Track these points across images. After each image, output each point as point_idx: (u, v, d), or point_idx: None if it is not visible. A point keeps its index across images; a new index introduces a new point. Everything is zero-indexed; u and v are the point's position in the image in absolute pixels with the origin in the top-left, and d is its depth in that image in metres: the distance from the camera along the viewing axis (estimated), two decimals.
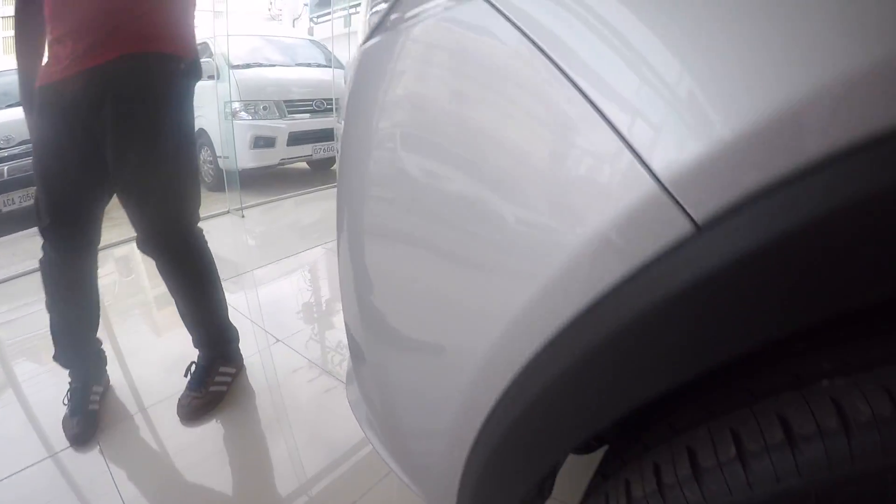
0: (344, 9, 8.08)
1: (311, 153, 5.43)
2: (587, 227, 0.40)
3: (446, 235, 0.54)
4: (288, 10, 12.31)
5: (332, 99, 5.47)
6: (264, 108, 5.13)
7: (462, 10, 0.51)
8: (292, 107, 5.32)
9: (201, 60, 5.21)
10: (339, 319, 2.04)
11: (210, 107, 5.04)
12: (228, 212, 3.55)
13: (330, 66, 6.10)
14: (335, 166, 5.71)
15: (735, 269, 0.34)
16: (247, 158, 4.99)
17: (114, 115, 1.33)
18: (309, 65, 6.04)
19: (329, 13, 10.54)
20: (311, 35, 11.73)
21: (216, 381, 1.67)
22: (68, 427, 1.52)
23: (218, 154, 5.12)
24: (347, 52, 5.16)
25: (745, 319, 0.36)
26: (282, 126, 5.16)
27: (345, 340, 0.98)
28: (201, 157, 5.52)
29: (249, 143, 4.96)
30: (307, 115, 5.41)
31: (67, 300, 1.55)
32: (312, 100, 5.46)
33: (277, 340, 1.96)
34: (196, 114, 5.71)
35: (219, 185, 5.15)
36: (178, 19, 1.43)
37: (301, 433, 1.51)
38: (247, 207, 3.62)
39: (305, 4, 11.82)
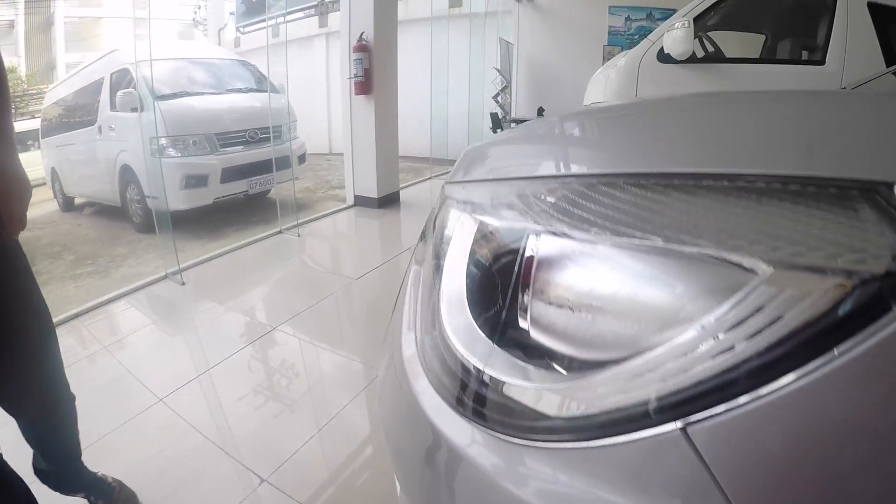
0: (272, 17, 7.78)
1: (247, 188, 5.20)
2: None
3: None
4: (213, 20, 11.80)
5: (267, 128, 5.25)
6: (194, 143, 4.86)
7: None
8: (224, 140, 5.07)
9: (123, 92, 4.88)
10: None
11: (135, 140, 4.76)
12: (165, 276, 3.29)
13: (262, 91, 5.85)
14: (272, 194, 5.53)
15: None
16: (178, 199, 4.73)
17: None
18: (240, 90, 5.77)
19: (256, 23, 10.19)
20: (238, 45, 11.32)
21: None
22: None
23: (146, 194, 4.82)
24: (275, 66, 4.90)
25: None
26: (214, 162, 4.91)
27: None
28: (128, 195, 5.20)
29: (180, 182, 4.70)
30: (240, 147, 5.17)
31: None
32: (245, 130, 5.23)
33: None
34: (120, 147, 5.36)
35: (147, 226, 4.87)
36: None
37: None
38: (186, 268, 3.38)
39: (232, 13, 11.36)
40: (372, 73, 4.70)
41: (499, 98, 8.76)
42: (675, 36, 3.25)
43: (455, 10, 8.26)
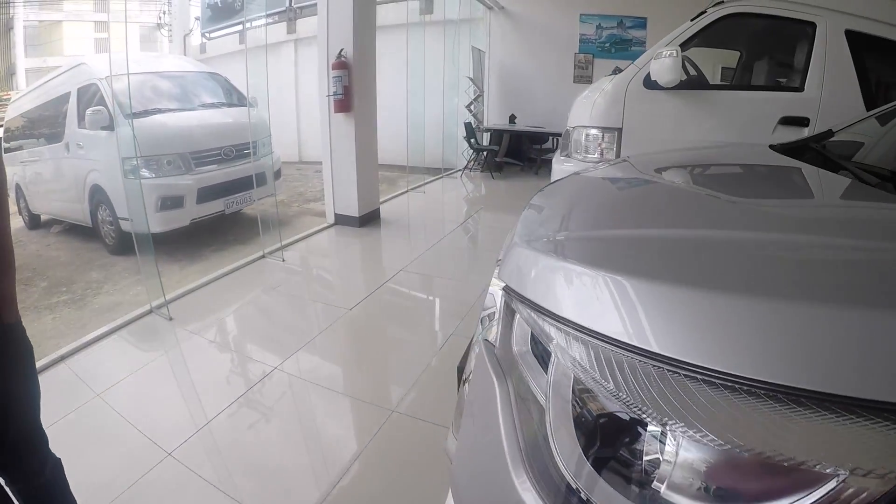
0: (238, 23, 7.65)
1: (224, 208, 5.12)
2: None
3: None
4: (178, 25, 11.55)
5: (242, 145, 5.18)
6: (168, 163, 4.77)
7: None
8: (199, 158, 4.99)
9: (93, 110, 4.74)
10: None
11: (105, 160, 4.67)
12: (151, 311, 3.22)
13: (235, 105, 5.77)
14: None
15: None
16: (153, 222, 4.61)
17: None
18: (213, 105, 5.68)
19: (222, 28, 10.01)
20: (204, 51, 11.10)
21: None
22: None
23: (119, 215, 4.72)
24: (245, 76, 4.84)
25: None
26: (189, 182, 4.83)
27: None
28: (99, 217, 5.08)
29: (155, 204, 4.60)
30: (216, 165, 5.09)
31: None
32: (220, 147, 5.15)
33: None
34: (90, 167, 5.23)
35: (121, 248, 4.78)
36: None
37: None
38: (172, 300, 3.31)
39: (197, 18, 11.14)
40: (352, 90, 4.68)
41: (472, 107, 8.79)
42: (664, 64, 3.30)
43: (427, 16, 8.24)
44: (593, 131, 3.71)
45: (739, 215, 1.15)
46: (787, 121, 3.44)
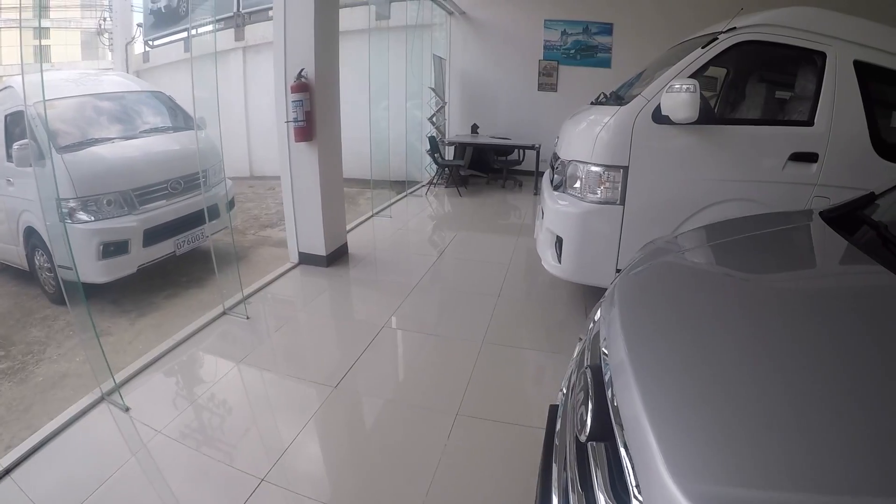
0: (184, 29, 7.03)
1: (174, 249, 4.56)
2: None
3: None
4: (120, 33, 10.62)
5: (191, 175, 4.63)
6: (109, 203, 4.19)
7: None
8: (144, 195, 4.41)
9: (19, 145, 3.98)
10: None
11: (38, 199, 4.06)
12: (102, 398, 2.71)
13: (181, 129, 5.21)
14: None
15: None
16: (95, 272, 4.06)
17: None
18: (157, 130, 5.10)
19: (166, 36, 9.29)
20: (147, 61, 10.28)
21: None
22: None
23: (58, 262, 4.12)
24: (189, 89, 4.26)
25: None
26: (134, 224, 4.25)
27: None
28: (37, 262, 4.47)
29: (96, 252, 4.03)
30: (163, 201, 4.52)
31: None
32: (167, 181, 4.58)
33: None
34: (22, 206, 4.60)
35: (63, 298, 4.19)
36: None
37: None
38: (124, 382, 2.81)
39: (139, 25, 10.30)
40: (314, 116, 4.20)
41: (434, 119, 8.39)
42: (679, 99, 3.01)
43: (383, 22, 7.77)
44: (595, 168, 3.41)
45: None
46: (797, 157, 3.27)
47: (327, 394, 2.77)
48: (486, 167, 8.70)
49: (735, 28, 3.28)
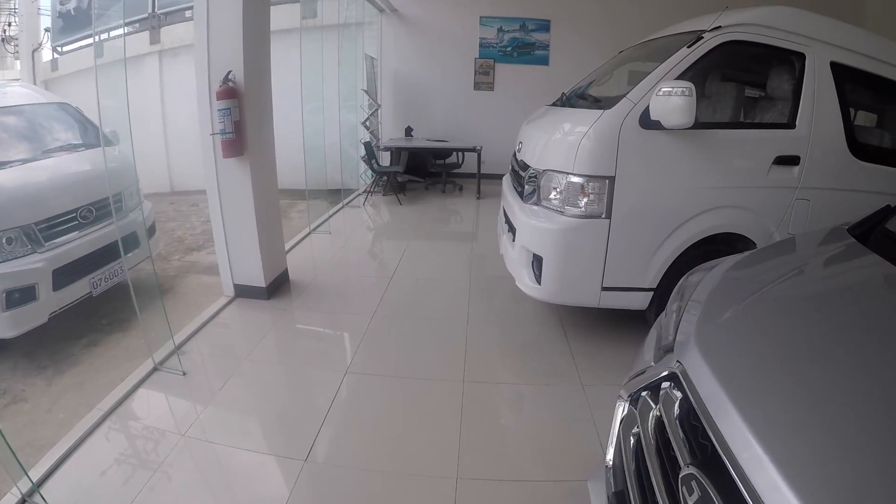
0: (95, 34, 6.15)
1: (90, 289, 3.79)
2: None
3: None
4: (26, 38, 9.22)
5: (104, 200, 3.89)
6: (8, 241, 3.41)
7: None
8: (50, 228, 3.63)
9: None
10: None
11: None
12: (24, 501, 2.05)
13: (91, 146, 4.43)
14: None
15: None
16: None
17: None
18: (64, 149, 4.28)
19: (77, 41, 8.24)
20: (56, 69, 9.03)
21: None
22: None
23: None
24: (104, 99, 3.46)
25: None
26: (40, 265, 3.48)
27: None
28: None
29: None
30: (74, 233, 3.75)
31: None
32: (76, 209, 3.81)
33: None
34: None
35: None
36: None
37: None
38: (46, 479, 2.14)
39: (47, 30, 9.04)
40: (244, 126, 3.59)
41: (368, 123, 7.85)
42: (673, 104, 2.74)
43: (309, 21, 7.16)
44: (577, 179, 3.04)
45: None
46: (781, 160, 3.15)
47: (297, 470, 2.25)
48: (423, 171, 8.27)
49: (720, 27, 3.06)
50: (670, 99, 2.75)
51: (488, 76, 8.51)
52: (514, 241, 3.56)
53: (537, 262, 3.26)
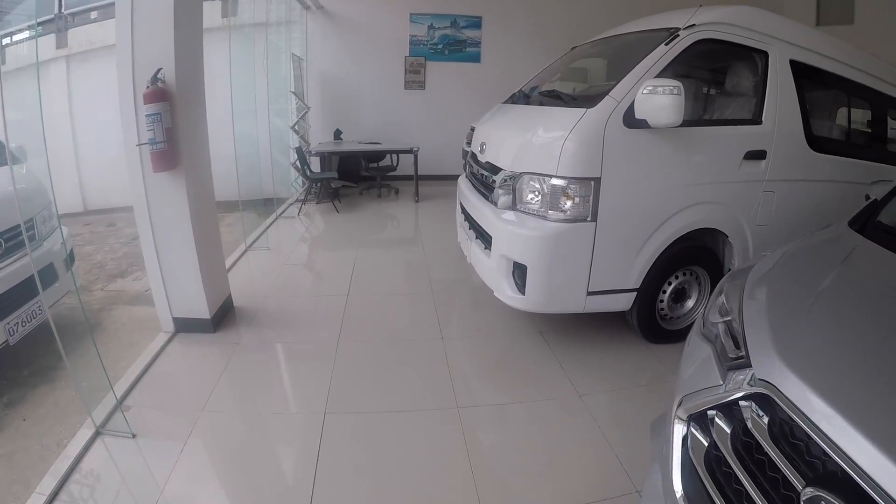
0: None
1: (6, 338, 3.16)
2: None
3: None
4: None
5: (13, 229, 3.28)
6: None
7: None
8: None
9: None
10: None
11: None
12: None
13: None
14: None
15: None
16: None
17: None
18: None
19: None
20: None
21: None
22: None
23: None
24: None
25: None
26: None
27: None
28: None
29: None
30: None
31: None
32: None
33: None
34: None
35: None
36: None
37: None
38: None
39: None
40: (177, 134, 3.11)
41: (297, 127, 7.37)
42: (660, 102, 2.65)
43: (232, 19, 6.60)
44: (559, 182, 2.84)
45: None
46: (750, 155, 3.21)
47: None
48: (355, 176, 7.89)
49: (695, 25, 3.04)
50: (658, 97, 2.66)
51: (419, 75, 8.25)
52: (485, 248, 3.34)
53: (520, 271, 3.05)
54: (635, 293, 3.19)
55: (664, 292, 3.38)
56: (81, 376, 2.71)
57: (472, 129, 7.08)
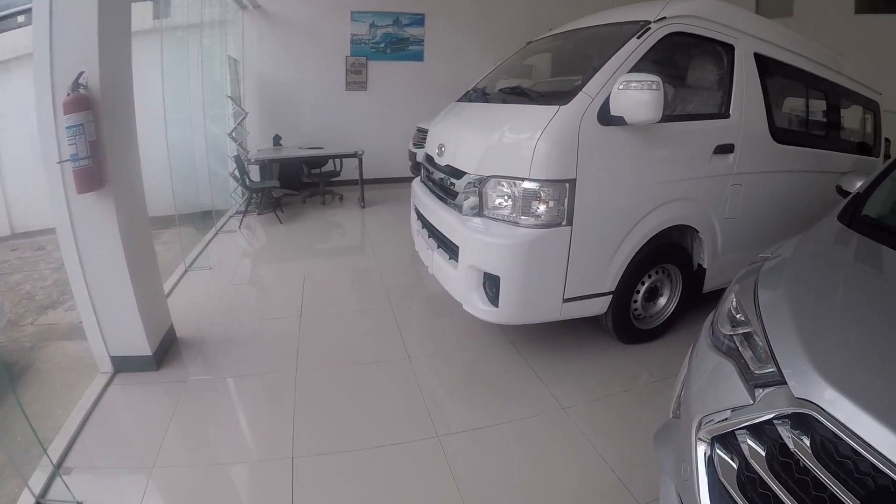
0: None
1: None
2: None
3: None
4: None
5: None
6: None
7: None
8: None
9: None
10: None
11: None
12: None
13: None
14: None
15: None
16: None
17: None
18: None
19: None
20: None
21: None
22: None
23: None
24: None
25: None
26: None
27: None
28: None
29: None
30: None
31: None
32: None
33: None
34: None
35: None
36: None
37: None
38: None
39: None
40: (103, 148, 2.71)
41: (235, 134, 6.94)
42: (639, 98, 2.52)
43: (164, 20, 6.09)
44: (532, 185, 2.67)
45: None
46: (719, 149, 3.19)
47: None
48: (297, 183, 7.53)
49: (666, 17, 2.95)
50: (636, 93, 2.53)
51: (361, 75, 7.96)
52: (451, 259, 3.13)
53: (492, 282, 2.86)
54: (611, 296, 3.07)
55: (638, 292, 3.28)
56: (10, 433, 2.34)
57: (419, 130, 6.90)
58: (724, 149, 3.21)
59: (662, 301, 3.51)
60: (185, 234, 5.29)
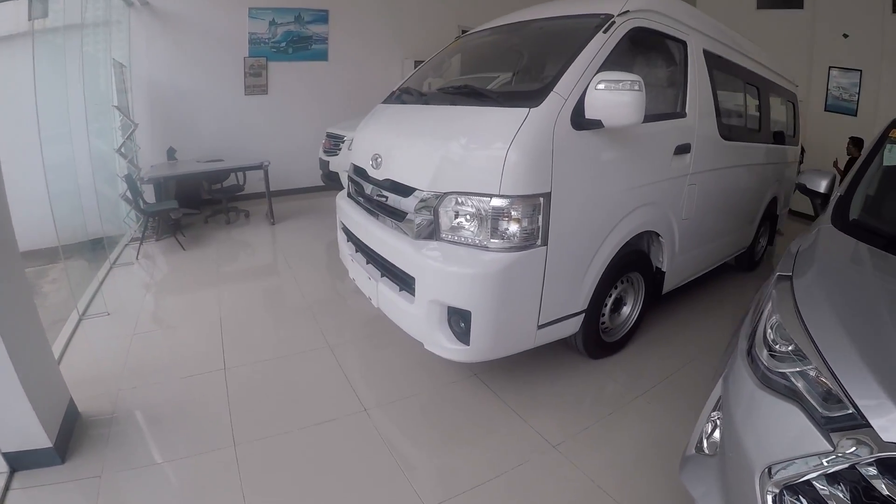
0: None
1: None
2: None
3: None
4: None
5: None
6: None
7: None
8: None
9: None
10: None
11: None
12: None
13: None
14: None
15: None
16: None
17: None
18: None
19: None
20: None
21: None
22: None
23: None
24: None
25: None
26: None
27: None
28: None
29: None
30: None
31: None
32: None
33: None
34: None
35: None
36: None
37: None
38: None
39: None
40: None
41: (124, 149, 6.09)
42: (620, 100, 2.28)
43: (42, 21, 5.14)
44: (500, 203, 2.33)
45: None
46: (679, 150, 3.09)
47: None
48: (197, 201, 6.78)
49: (629, 11, 2.74)
50: (615, 94, 2.29)
51: (261, 77, 7.31)
52: (402, 291, 2.71)
53: (460, 317, 2.48)
54: (583, 315, 2.82)
55: (605, 305, 3.07)
56: None
57: (329, 136, 6.40)
58: (683, 149, 3.10)
59: (626, 310, 3.37)
60: (74, 267, 4.49)
